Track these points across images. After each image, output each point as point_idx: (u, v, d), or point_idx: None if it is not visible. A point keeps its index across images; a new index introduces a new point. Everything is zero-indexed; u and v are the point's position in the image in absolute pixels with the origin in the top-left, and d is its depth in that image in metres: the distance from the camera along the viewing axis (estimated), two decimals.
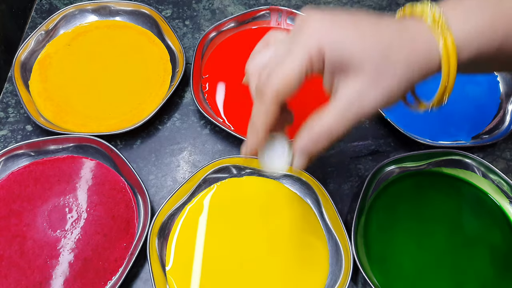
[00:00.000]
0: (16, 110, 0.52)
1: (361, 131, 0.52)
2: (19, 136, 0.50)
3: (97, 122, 0.50)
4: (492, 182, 0.47)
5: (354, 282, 0.43)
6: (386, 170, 0.47)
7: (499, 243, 0.44)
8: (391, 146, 0.51)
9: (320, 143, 0.31)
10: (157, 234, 0.42)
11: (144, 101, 0.51)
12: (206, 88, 0.53)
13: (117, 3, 0.58)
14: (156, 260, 0.41)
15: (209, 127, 0.52)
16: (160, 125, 0.51)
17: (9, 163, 0.46)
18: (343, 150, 0.50)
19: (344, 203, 0.47)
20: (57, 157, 0.47)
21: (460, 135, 0.50)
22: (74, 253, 0.42)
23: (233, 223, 0.44)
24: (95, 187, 0.46)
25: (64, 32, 0.57)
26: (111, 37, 0.57)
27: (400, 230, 0.44)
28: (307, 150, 0.31)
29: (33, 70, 0.53)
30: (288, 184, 0.47)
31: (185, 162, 0.49)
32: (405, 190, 0.47)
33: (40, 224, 0.43)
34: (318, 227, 0.44)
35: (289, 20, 0.58)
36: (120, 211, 0.44)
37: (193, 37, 0.59)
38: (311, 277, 0.42)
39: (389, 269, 0.42)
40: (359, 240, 0.43)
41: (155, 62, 0.55)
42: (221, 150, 0.50)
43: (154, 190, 0.47)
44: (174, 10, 0.61)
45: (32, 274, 0.41)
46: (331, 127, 0.30)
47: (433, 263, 0.43)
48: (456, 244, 0.44)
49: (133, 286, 0.42)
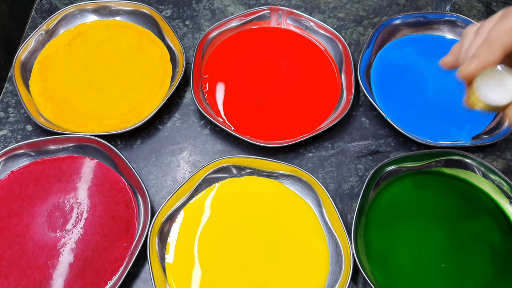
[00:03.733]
0: (16, 110, 0.52)
1: (361, 131, 0.52)
2: (19, 136, 0.50)
3: (97, 122, 0.50)
4: (492, 182, 0.47)
5: (354, 282, 0.43)
6: (386, 170, 0.47)
7: (499, 243, 0.44)
8: (391, 146, 0.51)
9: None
10: (157, 234, 0.42)
11: (144, 101, 0.51)
12: (206, 88, 0.53)
13: (117, 3, 0.58)
14: (156, 260, 0.41)
15: (209, 127, 0.52)
16: (160, 125, 0.51)
17: (9, 163, 0.46)
18: (343, 150, 0.50)
19: (344, 203, 0.47)
20: (57, 157, 0.47)
21: (460, 135, 0.50)
22: (74, 253, 0.42)
23: (233, 223, 0.44)
24: (95, 187, 0.46)
25: (64, 32, 0.57)
26: (111, 37, 0.57)
27: (400, 230, 0.44)
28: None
29: (33, 70, 0.53)
30: (288, 184, 0.47)
31: (185, 162, 0.49)
32: (405, 190, 0.47)
33: (40, 224, 0.43)
34: (318, 227, 0.44)
35: (289, 20, 0.58)
36: (120, 211, 0.44)
37: (193, 37, 0.59)
38: (311, 277, 0.42)
39: (389, 269, 0.42)
40: (359, 240, 0.43)
41: (155, 62, 0.55)
42: (221, 150, 0.50)
43: (154, 190, 0.47)
44: (174, 10, 0.61)
45: (32, 274, 0.41)
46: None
47: (433, 263, 0.43)
48: (456, 244, 0.44)
49: (133, 286, 0.42)
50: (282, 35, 0.58)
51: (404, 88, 0.54)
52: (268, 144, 0.48)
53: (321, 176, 0.48)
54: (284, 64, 0.56)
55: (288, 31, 0.59)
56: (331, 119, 0.50)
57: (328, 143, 0.51)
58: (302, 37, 0.58)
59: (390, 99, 0.53)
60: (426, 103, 0.52)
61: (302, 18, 0.58)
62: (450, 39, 0.58)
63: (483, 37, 0.31)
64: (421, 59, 0.56)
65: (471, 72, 0.30)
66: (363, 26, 0.60)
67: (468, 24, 0.57)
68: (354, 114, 0.53)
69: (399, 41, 0.58)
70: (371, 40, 0.55)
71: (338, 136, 0.51)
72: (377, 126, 0.52)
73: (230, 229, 0.44)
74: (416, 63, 0.56)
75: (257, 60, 0.56)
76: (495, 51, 0.29)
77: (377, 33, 0.56)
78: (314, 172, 0.49)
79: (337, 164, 0.49)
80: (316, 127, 0.50)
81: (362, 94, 0.54)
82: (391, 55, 0.56)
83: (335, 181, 0.48)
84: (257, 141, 0.48)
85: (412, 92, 0.53)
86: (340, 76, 0.55)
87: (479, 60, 0.29)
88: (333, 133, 0.51)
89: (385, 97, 0.53)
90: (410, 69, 0.55)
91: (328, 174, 0.49)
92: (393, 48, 0.57)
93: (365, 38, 0.59)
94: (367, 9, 0.62)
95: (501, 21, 0.30)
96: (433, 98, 0.53)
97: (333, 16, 0.61)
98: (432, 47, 0.57)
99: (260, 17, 0.58)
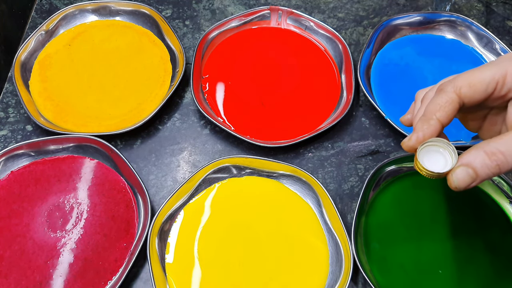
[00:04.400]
0: (16, 110, 0.52)
1: (361, 131, 0.52)
2: (19, 136, 0.50)
3: (97, 122, 0.50)
4: (492, 182, 0.47)
5: (354, 282, 0.43)
6: (386, 170, 0.47)
7: (499, 243, 0.44)
8: (391, 146, 0.51)
9: (492, 169, 0.29)
10: (157, 234, 0.42)
11: (144, 101, 0.51)
12: (206, 88, 0.53)
13: (117, 3, 0.58)
14: (156, 260, 0.41)
15: (209, 127, 0.52)
16: (160, 125, 0.51)
17: (9, 163, 0.46)
18: (343, 150, 0.50)
19: (344, 203, 0.47)
20: (57, 157, 0.47)
21: (460, 135, 0.50)
22: (74, 253, 0.42)
23: (233, 223, 0.44)
24: (95, 187, 0.46)
25: (64, 32, 0.57)
26: (111, 37, 0.57)
27: (400, 230, 0.44)
28: (474, 168, 0.29)
29: (33, 70, 0.53)
30: (288, 184, 0.47)
31: (185, 162, 0.49)
32: (405, 190, 0.47)
33: (40, 224, 0.43)
34: (318, 227, 0.44)
35: (289, 20, 0.58)
36: (120, 211, 0.44)
37: (193, 37, 0.59)
38: (311, 277, 0.42)
39: (389, 269, 0.42)
40: (359, 240, 0.43)
41: (155, 62, 0.55)
42: (221, 150, 0.50)
43: (154, 190, 0.47)
44: (174, 10, 0.61)
45: (32, 274, 0.41)
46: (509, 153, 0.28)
47: (433, 263, 0.43)
48: (456, 244, 0.44)
49: (133, 286, 0.42)
50: (282, 35, 0.58)
51: (404, 88, 0.54)
52: (268, 144, 0.48)
53: (321, 176, 0.48)
54: (284, 64, 0.56)
55: (288, 31, 0.59)
56: (331, 119, 0.50)
57: (328, 143, 0.51)
58: (302, 37, 0.58)
59: (390, 99, 0.53)
60: None
61: (302, 18, 0.58)
62: (450, 39, 0.58)
63: (424, 108, 0.33)
64: (421, 59, 0.56)
65: (411, 145, 0.32)
66: (363, 26, 0.60)
67: (468, 24, 0.57)
68: (354, 114, 0.53)
69: (399, 41, 0.58)
70: (371, 40, 0.55)
71: (338, 136, 0.51)
72: (377, 126, 0.52)
73: (230, 229, 0.44)
74: (416, 63, 0.56)
75: (257, 60, 0.56)
76: (432, 126, 0.31)
77: (377, 33, 0.56)
78: (314, 172, 0.49)
79: (337, 164, 0.49)
80: (316, 127, 0.50)
81: (362, 94, 0.54)
82: (391, 55, 0.56)
83: (335, 181, 0.48)
84: (257, 141, 0.48)
85: (412, 92, 0.53)
86: (340, 76, 0.55)
87: (417, 134, 0.31)
88: (333, 133, 0.51)
89: (385, 97, 0.53)
90: (410, 69, 0.55)
91: (328, 174, 0.49)
92: (393, 48, 0.57)
93: (365, 38, 0.59)
94: (367, 9, 0.62)
95: (437, 96, 0.31)
96: None
97: (333, 16, 0.61)
98: (432, 47, 0.57)
99: (260, 17, 0.58)
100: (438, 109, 0.31)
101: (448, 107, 0.31)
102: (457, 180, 0.30)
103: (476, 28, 0.57)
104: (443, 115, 0.31)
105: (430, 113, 0.31)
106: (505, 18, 0.62)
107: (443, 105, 0.31)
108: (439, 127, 0.31)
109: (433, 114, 0.31)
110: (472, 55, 0.57)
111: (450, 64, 0.56)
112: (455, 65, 0.56)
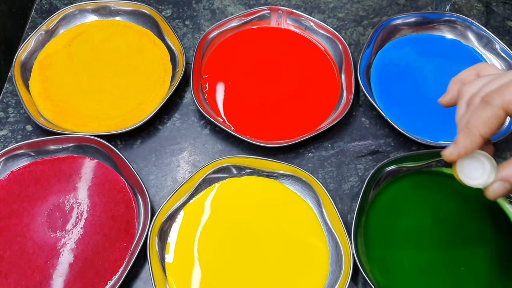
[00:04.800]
0: (16, 110, 0.52)
1: (361, 131, 0.52)
2: (19, 136, 0.50)
3: (97, 122, 0.50)
4: None
5: (354, 282, 0.43)
6: (386, 170, 0.47)
7: (499, 243, 0.44)
8: (391, 146, 0.51)
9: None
10: (157, 234, 0.42)
11: (144, 101, 0.51)
12: (206, 88, 0.53)
13: (117, 3, 0.58)
14: (156, 260, 0.41)
15: (209, 127, 0.52)
16: (160, 125, 0.51)
17: (9, 163, 0.46)
18: (343, 150, 0.50)
19: (344, 203, 0.47)
20: (57, 157, 0.47)
21: None
22: (74, 253, 0.42)
23: (233, 223, 0.44)
24: (95, 187, 0.46)
25: (64, 32, 0.57)
26: (111, 37, 0.57)
27: (400, 230, 0.44)
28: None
29: (33, 70, 0.53)
30: (288, 184, 0.47)
31: (185, 162, 0.49)
32: (405, 190, 0.47)
33: (40, 224, 0.43)
34: (318, 227, 0.44)
35: (289, 20, 0.58)
36: (120, 211, 0.44)
37: (193, 37, 0.59)
38: (311, 277, 0.42)
39: (389, 269, 0.42)
40: (359, 240, 0.43)
41: (155, 62, 0.55)
42: (221, 150, 0.50)
43: (154, 190, 0.47)
44: (174, 10, 0.61)
45: (32, 274, 0.41)
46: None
47: (433, 263, 0.43)
48: (456, 244, 0.44)
49: (133, 286, 0.42)
50: (282, 35, 0.58)
51: (404, 88, 0.54)
52: (268, 144, 0.48)
53: (321, 176, 0.48)
54: (284, 64, 0.56)
55: (288, 31, 0.59)
56: (331, 119, 0.50)
57: (328, 143, 0.51)
58: (302, 37, 0.58)
59: (390, 99, 0.53)
60: (426, 103, 0.53)
61: (302, 18, 0.58)
62: (450, 39, 0.58)
63: (468, 114, 0.32)
64: (421, 59, 0.56)
65: (453, 158, 0.32)
66: (363, 26, 0.60)
67: (468, 24, 0.57)
68: (354, 114, 0.53)
69: (399, 41, 0.58)
70: (371, 40, 0.55)
71: (338, 136, 0.51)
72: (377, 126, 0.52)
73: (230, 229, 0.44)
74: (416, 63, 0.56)
75: (257, 60, 0.56)
76: (474, 143, 0.31)
77: (377, 33, 0.56)
78: (314, 172, 0.49)
79: (337, 164, 0.49)
80: (316, 127, 0.50)
81: (362, 94, 0.54)
82: (391, 55, 0.56)
83: (335, 181, 0.48)
84: (257, 141, 0.48)
85: (412, 92, 0.53)
86: (340, 76, 0.55)
87: (459, 148, 0.32)
88: (333, 133, 0.51)
89: (385, 97, 0.53)
90: (410, 69, 0.55)
91: (328, 174, 0.49)
92: (393, 48, 0.57)
93: (365, 38, 0.59)
94: (367, 9, 0.62)
95: (482, 109, 0.31)
96: (433, 98, 0.53)
97: (333, 16, 0.61)
98: (432, 47, 0.57)
99: (260, 17, 0.58)
100: (482, 124, 0.30)
101: (493, 124, 0.30)
102: (494, 194, 0.31)
103: (476, 28, 0.57)
104: (487, 132, 0.30)
105: (474, 128, 0.30)
106: (505, 18, 0.62)
107: (487, 121, 0.30)
108: (482, 143, 0.31)
109: (476, 130, 0.30)
110: (472, 55, 0.57)
111: (450, 64, 0.56)
112: (455, 65, 0.56)
